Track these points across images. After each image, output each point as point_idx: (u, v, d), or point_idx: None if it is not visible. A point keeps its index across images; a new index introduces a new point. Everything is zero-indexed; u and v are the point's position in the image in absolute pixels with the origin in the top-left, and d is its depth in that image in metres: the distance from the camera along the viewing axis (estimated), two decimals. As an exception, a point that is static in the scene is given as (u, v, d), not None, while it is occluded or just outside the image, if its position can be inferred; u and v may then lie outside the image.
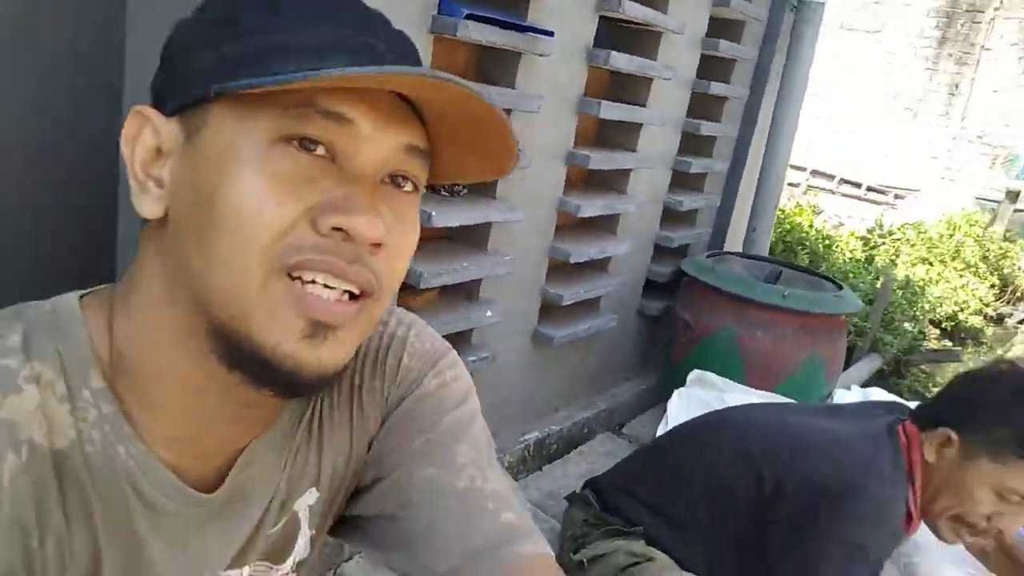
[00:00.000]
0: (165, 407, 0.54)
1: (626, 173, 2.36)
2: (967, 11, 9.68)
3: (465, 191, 1.81)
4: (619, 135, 2.34)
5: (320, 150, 0.49)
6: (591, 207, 2.16)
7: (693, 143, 2.72)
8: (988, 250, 6.78)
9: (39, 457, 0.49)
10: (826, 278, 2.74)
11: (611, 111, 2.10)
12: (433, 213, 1.58)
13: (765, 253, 3.12)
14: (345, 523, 0.70)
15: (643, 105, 2.30)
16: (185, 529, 0.56)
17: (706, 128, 2.64)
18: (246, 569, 0.62)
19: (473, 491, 0.63)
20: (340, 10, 0.52)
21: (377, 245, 0.51)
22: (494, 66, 1.80)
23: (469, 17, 1.51)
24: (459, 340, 1.87)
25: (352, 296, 0.51)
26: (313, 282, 0.49)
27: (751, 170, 3.02)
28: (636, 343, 2.76)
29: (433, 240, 1.86)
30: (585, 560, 1.40)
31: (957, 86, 9.79)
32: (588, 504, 1.55)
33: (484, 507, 0.62)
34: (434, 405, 0.67)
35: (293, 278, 0.49)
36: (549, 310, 2.21)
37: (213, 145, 0.49)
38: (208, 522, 0.57)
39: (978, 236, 6.87)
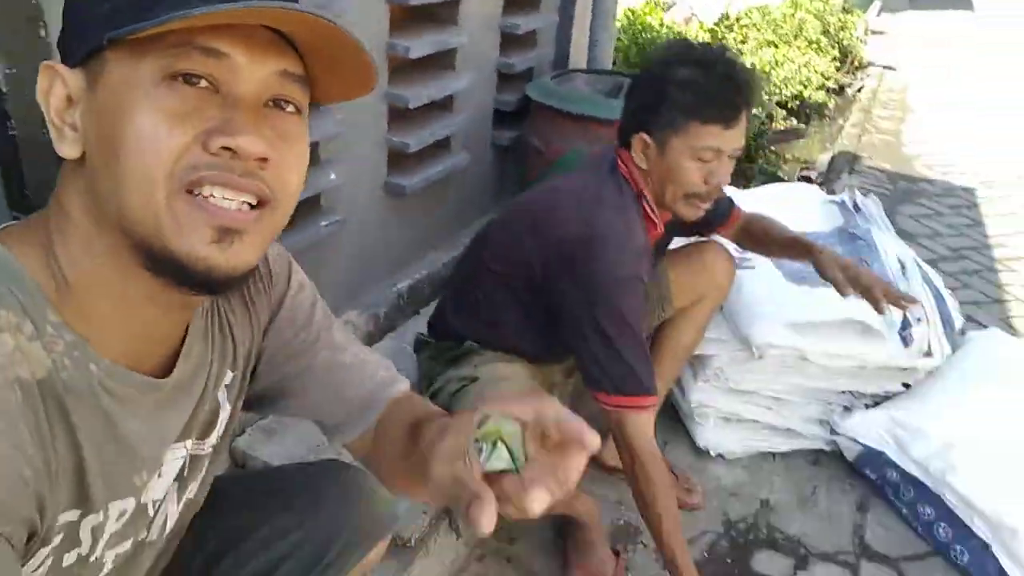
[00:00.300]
0: (110, 320, 0.64)
1: (455, 3, 2.27)
2: None
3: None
4: (440, -39, 2.22)
5: (203, 83, 0.58)
6: (421, 45, 2.09)
7: (522, -42, 2.61)
8: (828, 23, 7.04)
9: (28, 388, 0.58)
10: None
11: (425, -63, 1.97)
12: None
13: (608, 66, 3.14)
14: (253, 399, 0.88)
15: (460, -75, 2.17)
16: (148, 410, 0.69)
17: (533, -60, 2.53)
18: (189, 442, 0.77)
19: (358, 363, 0.88)
20: None
21: (264, 160, 0.60)
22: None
23: None
24: (306, 207, 1.85)
25: (252, 207, 0.61)
26: (212, 196, 0.59)
27: (586, -21, 2.96)
28: (492, 175, 2.80)
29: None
30: (428, 399, 1.53)
31: None
32: (427, 343, 1.66)
33: (367, 371, 0.88)
34: (303, 303, 0.86)
35: (195, 194, 0.58)
36: (398, 159, 2.19)
37: (111, 89, 0.58)
38: (163, 403, 0.71)
39: (818, 11, 7.07)
